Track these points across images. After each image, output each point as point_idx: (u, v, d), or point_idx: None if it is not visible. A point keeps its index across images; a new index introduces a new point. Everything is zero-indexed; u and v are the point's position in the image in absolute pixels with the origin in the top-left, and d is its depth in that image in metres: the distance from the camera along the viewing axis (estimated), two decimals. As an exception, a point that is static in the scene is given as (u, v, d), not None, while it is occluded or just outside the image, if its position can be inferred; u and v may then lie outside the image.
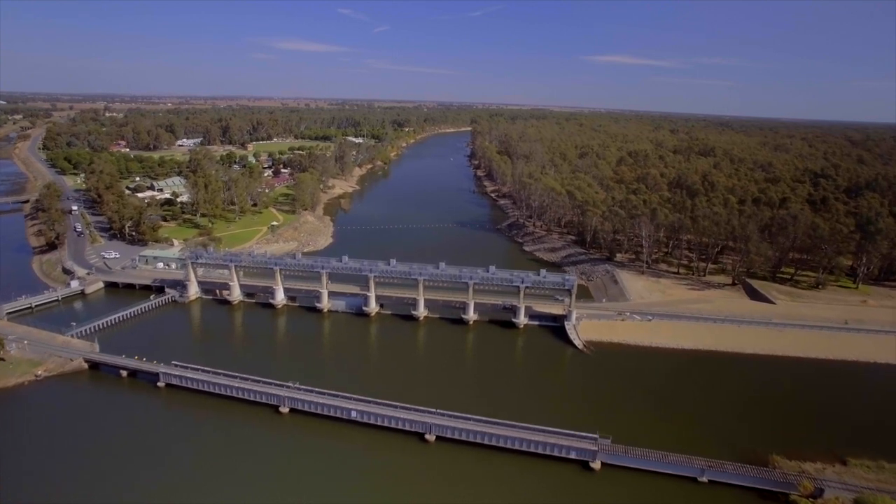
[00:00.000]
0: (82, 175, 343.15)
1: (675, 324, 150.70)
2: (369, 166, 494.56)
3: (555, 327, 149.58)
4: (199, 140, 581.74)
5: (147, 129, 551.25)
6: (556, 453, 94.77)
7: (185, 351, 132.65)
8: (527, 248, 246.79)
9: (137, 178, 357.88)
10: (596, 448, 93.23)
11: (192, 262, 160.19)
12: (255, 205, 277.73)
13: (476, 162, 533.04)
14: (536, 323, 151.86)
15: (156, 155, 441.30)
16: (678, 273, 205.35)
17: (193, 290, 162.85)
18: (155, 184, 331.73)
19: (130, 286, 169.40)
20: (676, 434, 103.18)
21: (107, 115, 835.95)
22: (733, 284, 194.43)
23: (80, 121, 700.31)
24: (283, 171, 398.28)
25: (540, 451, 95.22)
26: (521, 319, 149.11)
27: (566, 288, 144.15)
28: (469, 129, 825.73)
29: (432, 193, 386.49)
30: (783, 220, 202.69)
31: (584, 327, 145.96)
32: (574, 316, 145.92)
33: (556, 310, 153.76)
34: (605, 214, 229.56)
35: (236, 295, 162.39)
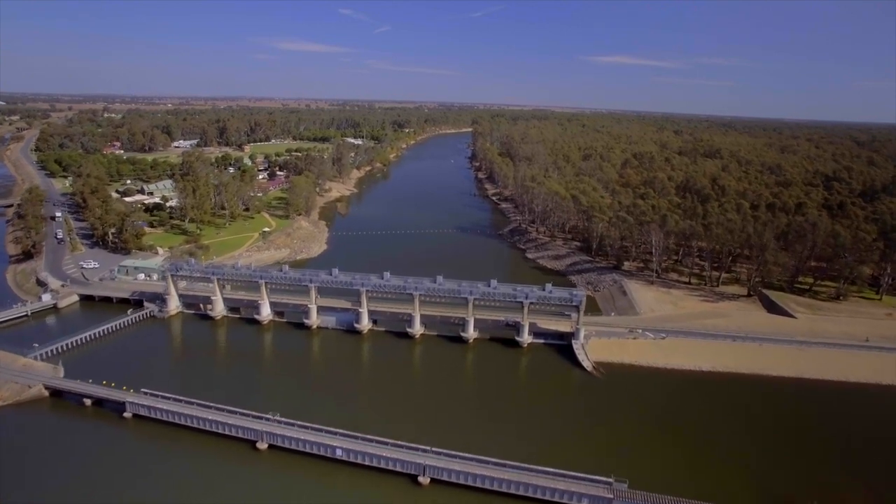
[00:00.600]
0: (71, 178, 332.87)
1: (691, 342, 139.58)
2: (368, 168, 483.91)
3: (561, 346, 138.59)
4: (195, 141, 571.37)
5: (142, 131, 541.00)
6: (565, 500, 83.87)
7: (161, 373, 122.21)
8: (530, 256, 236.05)
9: (128, 181, 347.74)
10: (611, 496, 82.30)
11: (173, 275, 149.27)
12: (247, 209, 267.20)
13: (477, 164, 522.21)
14: (541, 341, 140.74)
15: (149, 157, 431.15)
16: (690, 283, 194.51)
17: (174, 305, 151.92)
18: (145, 187, 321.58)
19: (107, 300, 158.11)
20: (700, 475, 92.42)
21: (105, 115, 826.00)
22: (749, 296, 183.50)
23: (77, 122, 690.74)
24: (278, 173, 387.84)
25: (548, 497, 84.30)
26: (525, 338, 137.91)
27: (574, 304, 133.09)
28: (470, 129, 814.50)
29: (432, 196, 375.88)
30: (801, 227, 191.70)
31: (594, 346, 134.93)
32: (582, 334, 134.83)
33: (562, 326, 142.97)
34: (611, 221, 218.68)
35: (219, 310, 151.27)
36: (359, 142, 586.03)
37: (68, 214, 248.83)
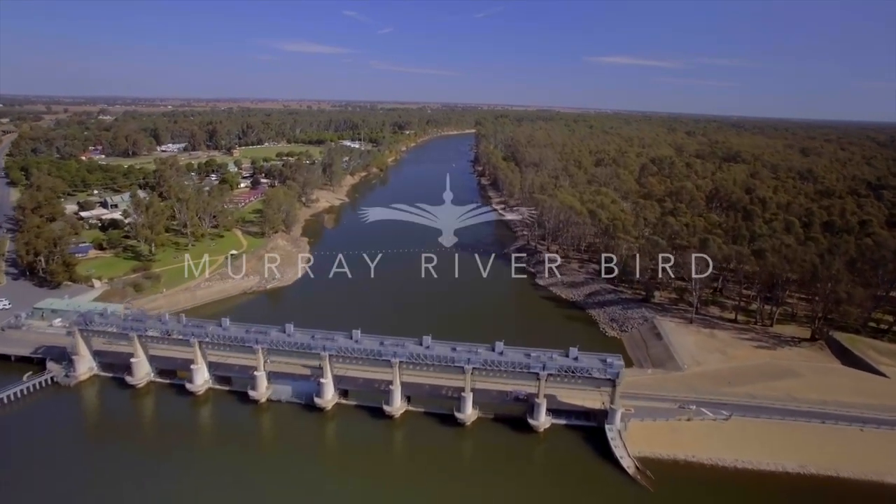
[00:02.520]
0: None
1: (765, 425, 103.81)
2: (363, 174, 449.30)
3: (589, 429, 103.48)
4: (183, 146, 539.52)
5: (125, 134, 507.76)
6: None
7: (30, 485, 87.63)
8: (540, 282, 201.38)
9: (95, 192, 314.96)
10: None
11: (82, 330, 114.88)
12: (216, 226, 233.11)
13: (480, 168, 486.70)
14: (563, 422, 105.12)
15: (126, 163, 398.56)
16: (735, 321, 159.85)
17: (85, 367, 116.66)
18: (110, 199, 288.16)
19: (4, 358, 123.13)
20: None
21: (98, 118, 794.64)
22: (813, 340, 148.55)
23: (66, 124, 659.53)
24: (263, 181, 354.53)
25: None
26: (541, 420, 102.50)
27: (608, 377, 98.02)
28: (473, 130, 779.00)
29: (431, 205, 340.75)
30: (880, 255, 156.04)
31: (634, 433, 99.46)
32: (618, 417, 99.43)
33: (589, 400, 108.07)
34: (640, 244, 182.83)
35: (142, 375, 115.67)
36: (355, 145, 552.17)
37: (7, 236, 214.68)
